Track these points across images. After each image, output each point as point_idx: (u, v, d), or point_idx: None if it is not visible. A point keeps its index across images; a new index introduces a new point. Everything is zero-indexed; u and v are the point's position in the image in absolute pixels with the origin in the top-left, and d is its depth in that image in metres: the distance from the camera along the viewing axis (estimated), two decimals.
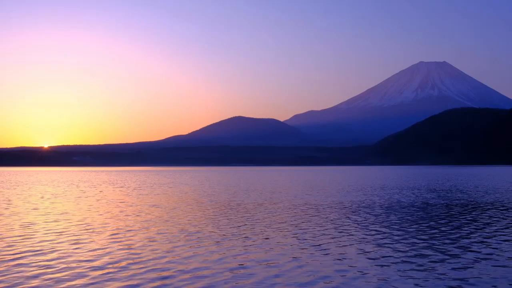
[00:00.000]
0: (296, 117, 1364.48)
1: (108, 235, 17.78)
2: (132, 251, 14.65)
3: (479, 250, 14.73)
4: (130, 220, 22.50)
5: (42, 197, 37.82)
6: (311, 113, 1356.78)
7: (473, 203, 31.17)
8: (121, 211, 26.62)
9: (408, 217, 23.17)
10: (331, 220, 22.25)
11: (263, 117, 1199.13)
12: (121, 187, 55.02)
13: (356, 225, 20.38)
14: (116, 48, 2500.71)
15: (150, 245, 15.63)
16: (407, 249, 14.97)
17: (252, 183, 62.98)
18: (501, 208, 27.83)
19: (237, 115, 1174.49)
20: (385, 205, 29.53)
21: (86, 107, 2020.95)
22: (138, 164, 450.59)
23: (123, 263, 12.99)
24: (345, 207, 28.31)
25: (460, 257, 13.72)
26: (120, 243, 16.06)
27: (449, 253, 14.35)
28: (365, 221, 21.67)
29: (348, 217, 23.42)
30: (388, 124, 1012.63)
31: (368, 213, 25.24)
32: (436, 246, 15.38)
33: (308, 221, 21.68)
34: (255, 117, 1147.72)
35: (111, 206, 30.10)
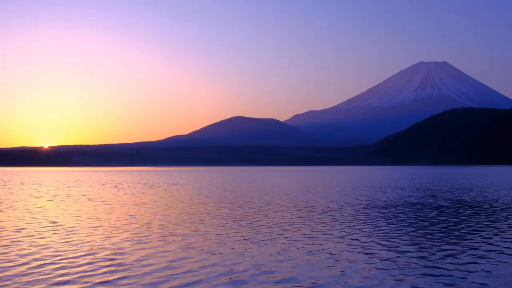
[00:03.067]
0: (296, 117, 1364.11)
1: (64, 232, 18.58)
2: (79, 247, 15.36)
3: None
4: (95, 218, 23.28)
5: (26, 196, 38.43)
6: (311, 113, 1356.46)
7: (465, 202, 31.29)
8: (95, 210, 27.23)
9: (415, 216, 23.24)
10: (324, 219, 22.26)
11: (263, 117, 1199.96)
12: (114, 187, 55.29)
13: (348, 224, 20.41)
14: (116, 48, 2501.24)
15: (100, 242, 16.27)
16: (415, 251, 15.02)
17: (247, 183, 62.97)
18: (492, 207, 27.93)
19: (237, 115, 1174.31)
20: (394, 204, 29.56)
21: (86, 107, 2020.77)
22: (138, 164, 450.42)
23: (58, 258, 13.71)
24: (342, 207, 28.30)
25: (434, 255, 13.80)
26: (70, 239, 16.89)
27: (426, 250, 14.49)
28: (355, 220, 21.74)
29: (343, 216, 23.44)
30: (388, 124, 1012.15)
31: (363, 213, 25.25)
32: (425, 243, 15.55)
33: (277, 219, 21.71)
34: (255, 117, 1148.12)
35: (88, 205, 30.76)
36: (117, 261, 13.28)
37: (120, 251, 14.78)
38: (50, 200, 34.48)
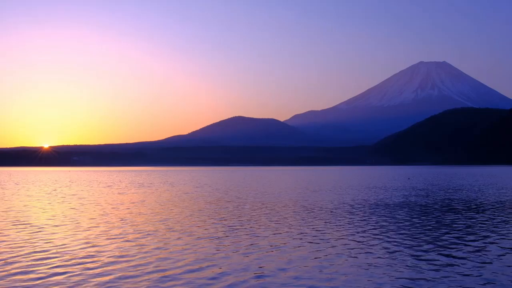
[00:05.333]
0: (296, 117, 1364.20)
1: (33, 231, 18.75)
2: (42, 247, 15.43)
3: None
4: (72, 217, 23.48)
5: (15, 196, 38.67)
6: (311, 113, 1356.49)
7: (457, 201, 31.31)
8: (77, 209, 27.38)
9: (411, 216, 23.20)
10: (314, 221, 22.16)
11: (263, 117, 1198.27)
12: (107, 186, 55.35)
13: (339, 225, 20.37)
14: (117, 48, 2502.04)
15: (68, 241, 16.38)
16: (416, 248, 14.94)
17: (243, 183, 62.98)
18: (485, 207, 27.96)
19: (237, 115, 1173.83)
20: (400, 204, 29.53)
21: (87, 107, 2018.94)
22: (138, 164, 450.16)
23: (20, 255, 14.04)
24: (328, 208, 28.26)
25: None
26: (36, 238, 17.10)
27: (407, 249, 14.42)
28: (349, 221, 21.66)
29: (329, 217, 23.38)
30: (388, 124, 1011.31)
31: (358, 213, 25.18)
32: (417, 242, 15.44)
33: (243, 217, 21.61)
34: (255, 117, 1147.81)
35: (73, 204, 30.85)
36: (74, 261, 13.16)
37: (82, 251, 14.62)
38: (38, 200, 34.49)
